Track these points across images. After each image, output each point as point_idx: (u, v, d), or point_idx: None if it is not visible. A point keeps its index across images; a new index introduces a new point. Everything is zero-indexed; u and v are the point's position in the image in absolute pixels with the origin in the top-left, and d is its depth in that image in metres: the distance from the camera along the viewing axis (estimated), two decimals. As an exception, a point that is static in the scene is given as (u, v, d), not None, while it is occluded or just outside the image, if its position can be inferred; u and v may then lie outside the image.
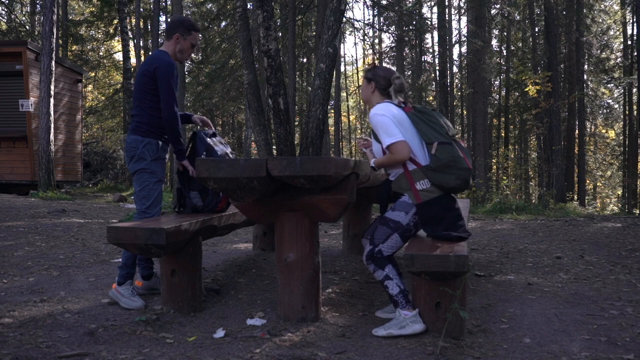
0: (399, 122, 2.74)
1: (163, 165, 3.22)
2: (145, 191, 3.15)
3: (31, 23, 19.79)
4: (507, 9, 16.99)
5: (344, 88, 29.93)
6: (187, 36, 3.19)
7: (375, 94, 2.93)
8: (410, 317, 2.53)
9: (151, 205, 3.16)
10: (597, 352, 2.38)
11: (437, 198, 2.69)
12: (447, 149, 2.67)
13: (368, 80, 2.95)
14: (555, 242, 5.58)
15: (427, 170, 2.69)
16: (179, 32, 3.18)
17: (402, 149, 2.67)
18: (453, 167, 2.65)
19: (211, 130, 3.42)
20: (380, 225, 2.73)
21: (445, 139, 2.70)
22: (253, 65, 8.96)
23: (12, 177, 10.72)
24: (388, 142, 2.69)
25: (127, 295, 3.02)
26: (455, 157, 2.66)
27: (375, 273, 2.68)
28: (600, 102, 21.51)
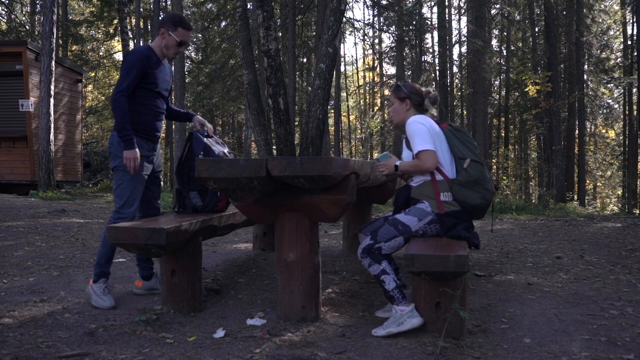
0: (435, 134, 2.80)
1: (142, 162, 3.11)
2: (119, 189, 3.09)
3: (31, 23, 19.79)
4: (507, 9, 16.99)
5: (344, 88, 29.93)
6: (173, 32, 3.10)
7: (411, 111, 2.95)
8: (407, 312, 2.54)
9: (125, 205, 3.07)
10: (597, 352, 2.38)
11: (458, 211, 2.75)
12: (479, 167, 2.75)
13: (401, 100, 2.94)
14: (555, 242, 5.58)
15: (454, 183, 2.74)
16: (166, 27, 3.11)
17: (431, 158, 2.73)
18: (481, 185, 2.73)
19: (207, 131, 3.41)
20: (389, 225, 2.72)
21: (477, 158, 2.79)
22: (253, 65, 8.96)
23: (12, 177, 10.72)
24: (419, 148, 2.75)
25: (99, 293, 3.01)
26: (485, 177, 2.75)
27: (371, 267, 2.66)
28: (600, 102, 21.51)
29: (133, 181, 3.09)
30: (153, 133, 3.20)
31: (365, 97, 33.37)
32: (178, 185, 3.29)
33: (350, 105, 32.99)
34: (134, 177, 3.08)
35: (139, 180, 3.12)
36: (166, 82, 3.25)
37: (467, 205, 2.73)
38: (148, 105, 3.14)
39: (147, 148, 3.16)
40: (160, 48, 3.14)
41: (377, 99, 31.32)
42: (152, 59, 3.09)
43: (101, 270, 3.08)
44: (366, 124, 30.38)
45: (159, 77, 3.15)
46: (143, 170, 3.13)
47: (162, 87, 3.20)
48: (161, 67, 3.18)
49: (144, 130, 3.14)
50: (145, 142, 3.15)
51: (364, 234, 2.90)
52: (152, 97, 3.14)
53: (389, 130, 25.42)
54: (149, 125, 3.17)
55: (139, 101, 3.10)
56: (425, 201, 2.75)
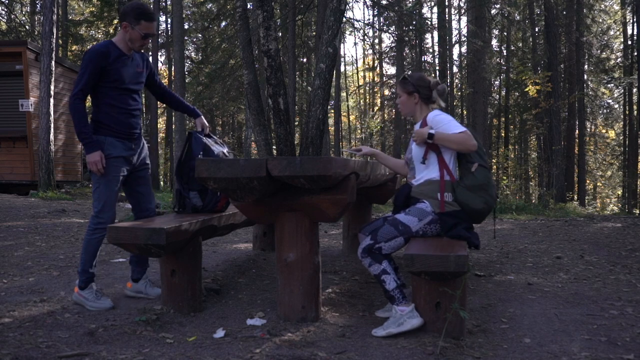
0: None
1: (117, 163, 2.99)
2: (97, 193, 2.99)
3: (31, 23, 19.80)
4: (507, 9, 16.99)
5: (344, 88, 29.94)
6: (136, 25, 2.93)
7: (420, 105, 2.92)
8: (407, 312, 2.53)
9: (103, 210, 2.97)
10: (597, 352, 2.38)
11: (458, 211, 2.75)
12: (486, 172, 2.77)
13: (409, 93, 2.90)
14: (555, 242, 5.58)
15: (459, 186, 2.76)
16: (127, 21, 2.94)
17: (472, 138, 2.71)
18: (485, 190, 2.73)
19: (206, 131, 3.39)
20: (389, 225, 2.71)
21: (485, 163, 2.79)
22: (253, 65, 8.96)
23: (12, 177, 10.72)
24: (460, 129, 2.72)
25: (92, 299, 2.98)
26: (490, 183, 2.76)
27: (371, 267, 2.65)
28: (600, 102, 21.52)
29: (109, 184, 2.98)
30: (127, 131, 3.06)
31: (365, 97, 33.38)
32: (178, 186, 3.27)
33: (350, 105, 32.99)
34: (109, 179, 2.98)
35: (116, 182, 3.01)
36: (137, 74, 3.09)
37: (468, 209, 2.73)
38: (115, 104, 3.00)
39: (122, 148, 3.03)
40: (125, 42, 2.99)
41: (377, 99, 31.33)
42: (111, 55, 2.93)
43: (87, 276, 3.01)
44: (366, 124, 30.40)
45: (124, 72, 2.99)
46: (118, 171, 3.01)
47: (131, 81, 3.04)
48: (126, 61, 3.01)
49: (116, 130, 3.01)
50: (119, 142, 3.03)
51: (363, 234, 2.89)
52: (119, 95, 3.00)
53: (389, 130, 25.43)
54: (121, 124, 3.03)
55: (106, 101, 2.97)
56: (426, 201, 2.75)
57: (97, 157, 2.92)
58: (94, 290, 3.01)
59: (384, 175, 3.79)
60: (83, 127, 2.90)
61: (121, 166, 3.03)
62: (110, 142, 2.99)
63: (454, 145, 2.73)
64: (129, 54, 3.04)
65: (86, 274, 3.01)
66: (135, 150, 3.13)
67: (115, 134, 3.01)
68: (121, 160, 3.03)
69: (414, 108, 2.92)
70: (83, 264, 3.03)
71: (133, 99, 3.09)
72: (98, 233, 3.00)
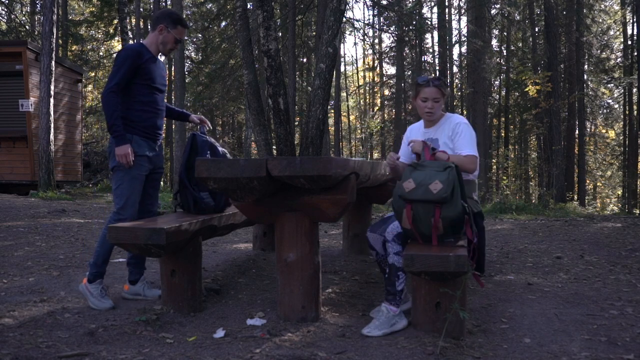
0: None
1: (141, 162, 3.06)
2: (119, 190, 3.04)
3: (31, 23, 19.79)
4: (507, 9, 16.99)
5: (344, 88, 29.93)
6: (172, 29, 3.09)
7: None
8: (399, 313, 2.62)
9: (125, 206, 3.03)
10: (597, 352, 2.38)
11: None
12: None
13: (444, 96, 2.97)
14: (555, 242, 5.58)
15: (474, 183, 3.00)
16: (165, 24, 3.08)
17: (477, 163, 2.88)
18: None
19: (206, 128, 3.39)
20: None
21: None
22: (253, 65, 8.96)
23: (12, 177, 10.72)
24: (473, 152, 2.87)
25: (96, 294, 2.99)
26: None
27: (396, 257, 2.66)
28: (600, 102, 21.51)
29: (133, 181, 3.03)
30: (153, 131, 3.14)
31: (365, 97, 33.38)
32: (188, 188, 3.23)
33: (350, 105, 32.99)
34: (133, 177, 3.03)
35: (139, 180, 3.07)
36: (163, 77, 3.20)
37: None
38: (146, 102, 3.08)
39: (146, 147, 3.09)
40: (156, 44, 3.11)
41: (377, 99, 31.33)
42: (144, 55, 3.05)
43: (98, 270, 3.05)
44: (366, 124, 30.39)
45: (155, 72, 3.10)
46: (142, 169, 3.07)
47: (160, 82, 3.15)
48: (157, 63, 3.14)
49: (143, 128, 3.08)
50: (144, 141, 3.09)
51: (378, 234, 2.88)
52: (150, 93, 3.09)
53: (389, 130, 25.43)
54: (148, 123, 3.10)
55: (137, 98, 3.04)
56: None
57: (127, 149, 2.96)
58: (99, 287, 3.02)
59: (384, 175, 3.79)
60: (116, 119, 2.95)
61: (145, 165, 3.09)
62: (136, 141, 3.05)
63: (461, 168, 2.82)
64: (156, 56, 3.15)
65: (97, 267, 3.04)
66: (158, 151, 3.21)
67: (141, 132, 3.07)
68: (145, 159, 3.09)
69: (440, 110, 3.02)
70: (96, 257, 3.06)
71: (161, 99, 3.19)
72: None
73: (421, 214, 2.52)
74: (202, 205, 3.20)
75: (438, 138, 2.98)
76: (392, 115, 24.97)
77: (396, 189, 2.63)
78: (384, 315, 2.60)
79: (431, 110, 2.95)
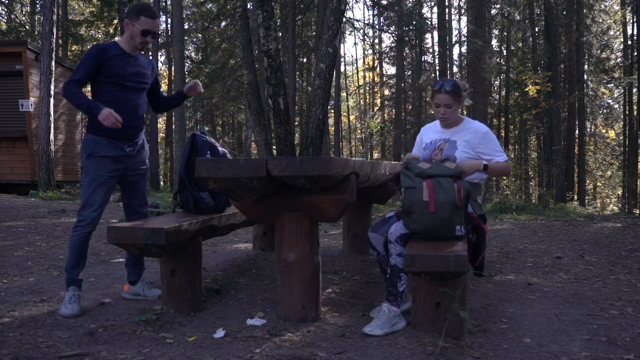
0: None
1: (103, 163, 2.94)
2: (82, 190, 2.96)
3: (31, 23, 19.80)
4: (507, 9, 16.99)
5: (344, 88, 29.94)
6: (136, 22, 2.95)
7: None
8: (399, 314, 2.62)
9: (82, 208, 2.93)
10: (597, 352, 2.38)
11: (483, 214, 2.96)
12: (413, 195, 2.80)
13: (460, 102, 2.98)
14: (555, 242, 5.58)
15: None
16: (129, 18, 2.97)
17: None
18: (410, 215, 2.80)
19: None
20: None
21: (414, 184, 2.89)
22: (253, 65, 8.97)
23: (12, 177, 10.72)
24: (505, 157, 3.01)
25: (65, 301, 2.88)
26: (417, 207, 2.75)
27: (399, 258, 2.66)
28: (600, 102, 21.51)
29: (92, 183, 2.93)
30: (118, 131, 2.97)
31: (365, 97, 33.39)
32: (189, 187, 3.23)
33: (350, 105, 32.99)
34: (93, 178, 2.93)
35: (99, 182, 2.94)
36: (140, 74, 3.06)
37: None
38: (112, 100, 2.95)
39: (110, 148, 2.97)
40: (128, 41, 3.01)
41: (377, 99, 31.33)
42: (110, 51, 2.95)
43: (69, 277, 2.94)
44: (366, 124, 30.40)
45: (125, 69, 2.97)
46: (102, 171, 2.95)
47: (132, 79, 3.02)
48: (129, 60, 3.01)
49: (107, 129, 2.92)
50: (109, 142, 2.97)
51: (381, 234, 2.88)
52: (117, 92, 2.97)
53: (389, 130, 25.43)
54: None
55: (103, 97, 2.95)
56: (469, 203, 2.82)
57: (106, 112, 2.82)
58: (71, 294, 2.89)
59: (384, 175, 3.79)
60: (81, 98, 2.88)
61: (107, 166, 2.96)
62: (100, 141, 2.95)
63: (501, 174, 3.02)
64: (133, 54, 3.05)
65: (67, 274, 2.95)
66: (128, 151, 3.05)
67: (107, 133, 2.95)
68: (108, 160, 2.96)
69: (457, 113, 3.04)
70: (66, 263, 2.98)
71: (134, 99, 3.05)
72: (77, 231, 2.94)
73: (442, 182, 2.59)
74: (202, 205, 3.20)
75: (456, 140, 3.00)
76: (392, 115, 24.97)
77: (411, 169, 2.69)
78: (385, 315, 2.60)
79: (444, 116, 2.99)
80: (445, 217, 2.56)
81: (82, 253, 2.97)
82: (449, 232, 2.59)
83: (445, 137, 3.04)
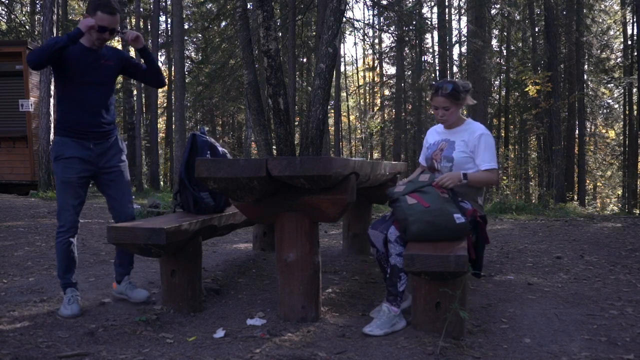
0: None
1: (70, 164, 2.85)
2: (56, 194, 2.92)
3: (31, 23, 19.78)
4: (507, 9, 16.98)
5: (344, 88, 29.94)
6: (93, 16, 2.80)
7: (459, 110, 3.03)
8: (399, 314, 2.63)
9: (60, 211, 2.91)
10: (597, 352, 2.38)
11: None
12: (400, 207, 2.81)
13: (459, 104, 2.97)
14: (555, 242, 5.58)
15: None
16: (87, 12, 2.84)
17: (498, 175, 2.90)
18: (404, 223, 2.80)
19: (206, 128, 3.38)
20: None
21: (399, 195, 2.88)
22: (253, 65, 8.96)
23: (12, 177, 10.73)
24: (493, 166, 2.89)
25: (64, 302, 2.88)
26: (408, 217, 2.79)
27: (397, 258, 2.66)
28: (600, 102, 21.51)
29: (62, 185, 2.87)
30: (82, 130, 2.89)
31: (365, 97, 33.38)
32: (189, 187, 3.23)
33: (350, 105, 32.99)
34: (62, 181, 2.86)
35: (69, 184, 2.87)
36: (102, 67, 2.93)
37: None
38: (74, 98, 2.87)
39: (76, 148, 2.87)
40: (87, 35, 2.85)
41: (377, 99, 31.33)
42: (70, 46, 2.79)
43: (64, 282, 2.95)
44: (366, 124, 30.39)
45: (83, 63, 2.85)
46: (69, 172, 2.86)
47: (92, 74, 2.89)
48: (87, 54, 2.88)
49: (71, 128, 2.87)
50: (74, 142, 2.88)
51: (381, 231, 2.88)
52: (77, 89, 2.87)
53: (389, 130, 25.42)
54: (76, 121, 2.88)
55: (65, 94, 2.87)
56: (468, 202, 2.82)
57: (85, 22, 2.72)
58: (69, 295, 2.89)
59: (384, 175, 3.79)
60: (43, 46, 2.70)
61: (74, 167, 2.87)
62: (64, 142, 2.87)
63: (481, 184, 2.92)
64: (94, 47, 2.92)
65: (60, 279, 2.95)
66: (95, 150, 2.94)
67: (70, 132, 2.87)
68: (75, 161, 2.87)
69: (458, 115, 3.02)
70: (57, 269, 2.97)
71: (96, 95, 2.92)
72: (59, 237, 2.92)
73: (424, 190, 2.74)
74: (202, 205, 3.20)
75: (454, 141, 3.01)
76: (392, 115, 24.96)
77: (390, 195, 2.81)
78: (385, 315, 2.61)
79: (442, 118, 2.99)
80: (440, 208, 2.62)
81: (71, 257, 2.95)
82: (450, 222, 2.60)
83: (446, 138, 3.06)
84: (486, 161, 2.90)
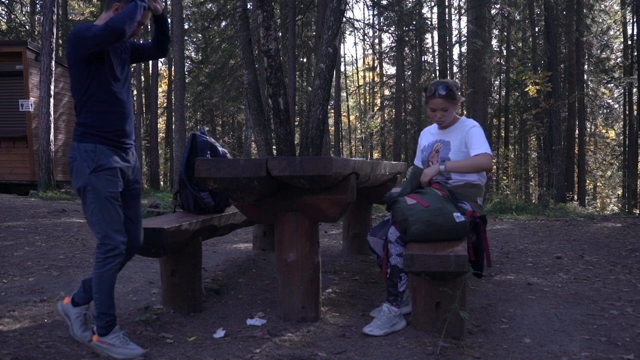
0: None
1: (111, 176, 2.35)
2: (95, 215, 2.32)
3: (31, 23, 19.79)
4: (507, 9, 16.98)
5: (344, 88, 29.94)
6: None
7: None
8: (399, 314, 2.64)
9: (107, 235, 2.32)
10: (597, 352, 2.38)
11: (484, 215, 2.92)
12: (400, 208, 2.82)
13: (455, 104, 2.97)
14: (555, 242, 5.58)
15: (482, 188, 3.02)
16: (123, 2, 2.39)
17: (491, 160, 2.82)
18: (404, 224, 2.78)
19: (206, 128, 3.36)
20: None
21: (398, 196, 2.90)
22: (253, 65, 8.97)
23: (12, 177, 10.73)
24: (484, 150, 2.81)
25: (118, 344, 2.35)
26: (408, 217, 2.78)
27: (398, 258, 2.66)
28: (600, 102, 21.50)
29: (107, 203, 2.33)
30: (120, 139, 2.43)
31: (365, 97, 33.38)
32: (189, 187, 3.23)
33: (350, 105, 32.99)
34: (106, 197, 2.33)
35: (114, 199, 2.36)
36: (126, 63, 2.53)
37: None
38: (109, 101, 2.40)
39: (115, 159, 2.39)
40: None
41: (377, 99, 31.33)
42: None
43: (106, 320, 2.36)
44: (366, 124, 30.39)
45: (119, 60, 2.47)
46: (113, 186, 2.36)
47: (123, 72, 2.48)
48: (119, 48, 2.49)
49: (109, 136, 2.39)
50: (112, 151, 2.39)
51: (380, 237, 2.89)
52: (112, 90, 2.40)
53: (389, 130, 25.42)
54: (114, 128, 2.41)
55: (98, 97, 2.37)
56: (467, 202, 2.81)
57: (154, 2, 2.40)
58: (119, 334, 2.37)
59: (384, 175, 3.79)
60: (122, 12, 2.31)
61: (117, 180, 2.40)
62: (102, 151, 2.35)
63: (466, 170, 2.85)
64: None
65: (105, 317, 2.36)
66: (132, 163, 2.52)
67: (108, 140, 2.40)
68: (117, 172, 2.40)
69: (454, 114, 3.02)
70: (99, 306, 2.35)
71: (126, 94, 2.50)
72: (110, 262, 2.33)
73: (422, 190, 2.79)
74: (202, 205, 3.20)
75: (450, 141, 3.00)
76: (392, 115, 24.96)
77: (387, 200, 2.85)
78: (385, 315, 2.61)
79: (441, 119, 2.99)
80: (440, 207, 2.63)
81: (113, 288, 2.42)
82: (450, 221, 2.61)
83: (441, 139, 3.04)
84: (475, 147, 2.85)
